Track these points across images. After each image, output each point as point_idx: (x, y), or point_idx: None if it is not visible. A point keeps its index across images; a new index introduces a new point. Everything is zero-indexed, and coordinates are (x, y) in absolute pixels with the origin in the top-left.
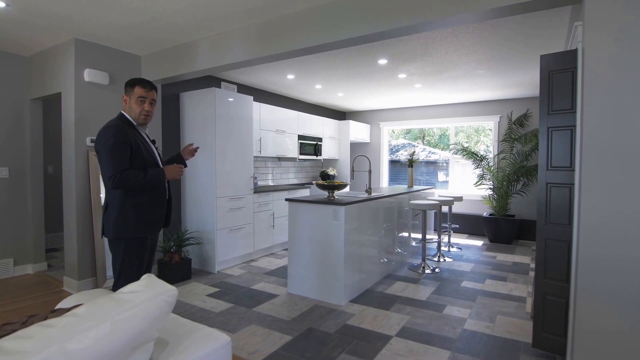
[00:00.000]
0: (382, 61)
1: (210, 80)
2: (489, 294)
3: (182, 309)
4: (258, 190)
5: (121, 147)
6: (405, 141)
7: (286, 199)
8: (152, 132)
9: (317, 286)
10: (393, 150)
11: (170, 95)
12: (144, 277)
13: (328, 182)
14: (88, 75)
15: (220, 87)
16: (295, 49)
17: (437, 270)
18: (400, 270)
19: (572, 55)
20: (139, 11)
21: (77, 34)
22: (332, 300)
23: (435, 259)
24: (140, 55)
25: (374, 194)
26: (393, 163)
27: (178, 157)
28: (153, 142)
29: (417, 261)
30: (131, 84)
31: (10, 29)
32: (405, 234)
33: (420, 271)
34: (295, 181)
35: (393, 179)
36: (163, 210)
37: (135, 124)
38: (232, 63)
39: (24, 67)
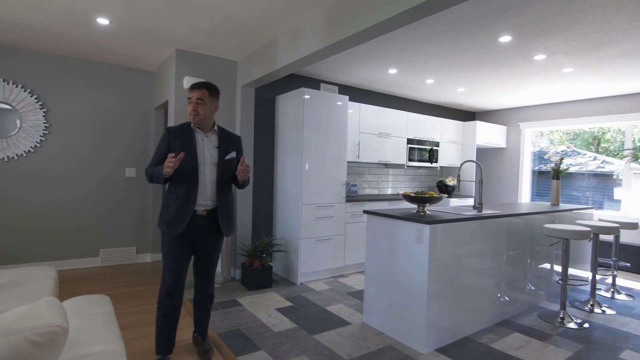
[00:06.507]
0: (505, 38)
1: (310, 82)
2: None
3: (243, 320)
4: (351, 199)
5: (159, 146)
6: (566, 147)
7: (364, 211)
8: (245, 136)
9: (394, 321)
10: (547, 159)
11: (267, 99)
12: (42, 300)
13: (416, 194)
14: (187, 82)
15: (319, 89)
16: (371, 25)
17: (584, 325)
18: (525, 316)
19: None
20: (210, 10)
21: (177, 44)
22: (410, 344)
23: (586, 307)
24: (237, 60)
25: (486, 212)
26: (542, 174)
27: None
28: (218, 147)
29: (556, 307)
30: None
31: (120, 47)
32: (547, 267)
33: (558, 323)
34: (408, 190)
35: (541, 194)
36: (186, 213)
37: (191, 125)
38: (308, 55)
39: (150, 80)
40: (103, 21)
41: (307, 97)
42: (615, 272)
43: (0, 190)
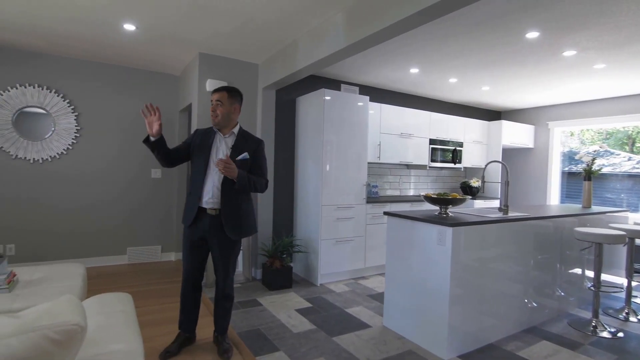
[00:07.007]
0: (532, 34)
1: (330, 83)
2: None
3: (263, 320)
4: (372, 200)
5: (184, 140)
6: (599, 147)
7: (384, 213)
8: (266, 138)
9: (415, 325)
10: (578, 160)
11: (287, 101)
12: (61, 298)
13: (438, 195)
14: (209, 85)
15: (340, 90)
16: (391, 23)
17: (619, 334)
18: (554, 323)
19: None
20: (231, 14)
21: (200, 48)
22: (432, 349)
23: (621, 315)
24: (258, 63)
25: (512, 214)
26: (572, 176)
27: None
28: (233, 148)
29: (587, 314)
30: None
31: (146, 52)
32: (577, 272)
33: (590, 331)
34: (430, 192)
35: (571, 196)
36: (193, 206)
37: (213, 127)
38: (329, 55)
39: (175, 84)
40: (129, 27)
41: (327, 98)
42: None
43: (34, 191)
